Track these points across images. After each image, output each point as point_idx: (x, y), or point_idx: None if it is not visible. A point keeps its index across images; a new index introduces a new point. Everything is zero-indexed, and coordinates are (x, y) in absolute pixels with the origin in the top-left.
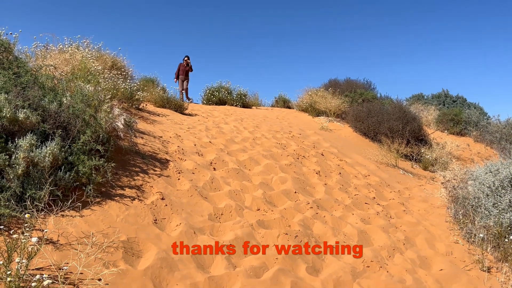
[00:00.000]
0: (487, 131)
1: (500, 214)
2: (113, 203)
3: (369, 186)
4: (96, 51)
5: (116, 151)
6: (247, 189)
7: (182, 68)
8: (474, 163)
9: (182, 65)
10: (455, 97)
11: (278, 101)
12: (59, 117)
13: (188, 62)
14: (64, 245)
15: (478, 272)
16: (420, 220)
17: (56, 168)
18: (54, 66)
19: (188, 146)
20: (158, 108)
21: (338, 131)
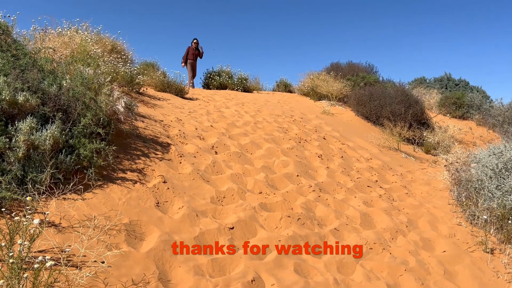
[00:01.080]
0: (490, 114)
1: (504, 196)
2: (115, 186)
3: (372, 170)
4: (96, 34)
5: (117, 134)
6: (249, 172)
7: (191, 51)
8: (476, 147)
9: (191, 48)
10: (458, 81)
11: (279, 85)
12: (59, 100)
13: (197, 45)
14: (66, 228)
15: (481, 253)
16: (423, 202)
17: (57, 151)
18: (53, 49)
19: (189, 130)
20: (159, 92)
21: (340, 115)
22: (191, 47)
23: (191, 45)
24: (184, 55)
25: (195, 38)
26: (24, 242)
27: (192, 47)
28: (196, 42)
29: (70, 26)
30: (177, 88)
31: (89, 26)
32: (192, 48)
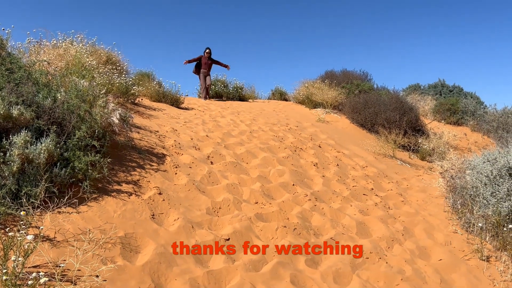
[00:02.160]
0: (484, 120)
1: (499, 203)
2: (110, 199)
3: (367, 177)
4: (91, 46)
5: (112, 146)
6: (244, 182)
7: (204, 61)
8: (471, 153)
9: (204, 57)
10: (452, 87)
11: (274, 94)
12: (54, 113)
13: (210, 55)
14: (61, 242)
15: (477, 261)
16: (419, 210)
17: (51, 165)
18: (47, 62)
19: (185, 140)
20: (154, 102)
21: (335, 122)
22: (204, 57)
23: (204, 54)
24: (193, 60)
25: (208, 48)
26: (18, 258)
27: (205, 56)
28: (209, 52)
29: (65, 38)
30: (173, 98)
31: (84, 38)
32: (205, 57)
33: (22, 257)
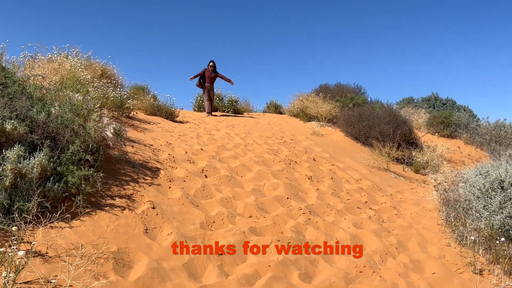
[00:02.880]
0: (477, 133)
1: (491, 216)
2: (103, 213)
3: (361, 191)
4: (86, 59)
5: (106, 160)
6: (239, 196)
7: (208, 74)
8: (465, 165)
9: (208, 71)
10: (445, 100)
11: (269, 107)
12: (48, 127)
13: (214, 68)
14: (53, 258)
15: (470, 274)
16: (412, 223)
17: (44, 179)
18: (42, 76)
19: (179, 154)
20: (149, 116)
21: (329, 135)
22: (208, 70)
23: (207, 67)
24: (198, 74)
25: (212, 61)
26: (9, 274)
27: (209, 69)
28: (213, 65)
29: (60, 52)
30: (168, 111)
31: (79, 52)
32: (209, 71)
33: (13, 273)
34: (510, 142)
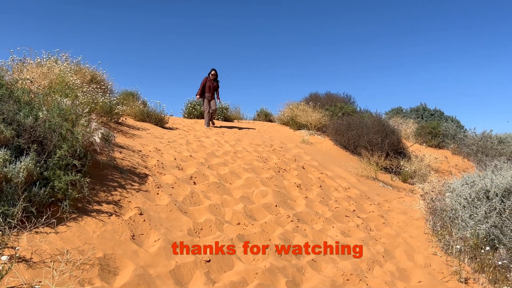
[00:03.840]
0: (464, 143)
1: (476, 225)
2: (89, 219)
3: (349, 199)
4: (75, 64)
5: (94, 166)
6: (227, 203)
7: (209, 84)
8: (452, 175)
9: (209, 80)
10: (433, 111)
11: (260, 115)
12: (35, 131)
13: (216, 77)
14: (37, 263)
15: (455, 283)
16: (400, 232)
17: (30, 184)
18: (30, 80)
19: (168, 160)
20: (138, 122)
21: (319, 144)
22: (209, 79)
23: (208, 76)
24: (200, 87)
25: (213, 69)
26: None
27: (210, 78)
28: (214, 74)
29: (49, 57)
30: (157, 118)
31: (68, 57)
32: (210, 80)
33: None
34: (496, 153)
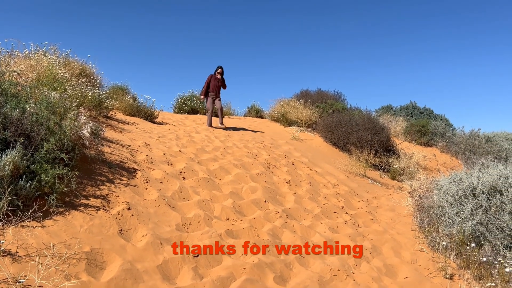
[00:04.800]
0: (453, 142)
1: (463, 222)
2: (77, 213)
3: (338, 195)
4: (64, 57)
5: (82, 160)
6: (216, 198)
7: (214, 82)
8: (440, 173)
9: (214, 78)
10: (423, 109)
11: (250, 111)
12: (22, 124)
13: (222, 75)
14: (23, 257)
15: (441, 279)
16: (387, 228)
17: (17, 177)
18: (18, 72)
19: (157, 155)
20: (128, 116)
21: (309, 141)
22: (214, 76)
23: (214, 74)
24: (204, 86)
25: (220, 66)
26: None
27: (216, 76)
28: (221, 72)
29: (37, 49)
30: (147, 112)
31: (57, 49)
32: (215, 77)
33: None
34: (483, 151)
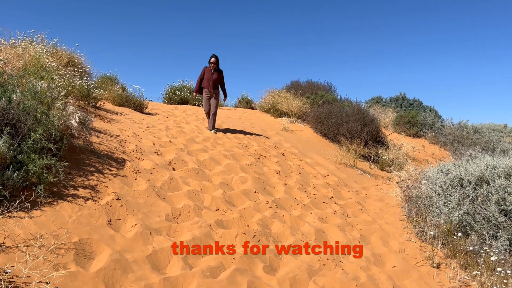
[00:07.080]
0: (441, 133)
1: (450, 212)
2: (65, 204)
3: (328, 186)
4: (52, 46)
5: (70, 150)
6: (206, 189)
7: (207, 75)
8: (428, 164)
9: (208, 70)
10: (412, 100)
11: (241, 102)
12: (8, 114)
13: (217, 65)
14: (10, 248)
15: (428, 268)
16: (376, 218)
17: (3, 167)
18: (4, 61)
19: (147, 146)
20: (117, 106)
21: (299, 132)
22: (208, 69)
23: (208, 65)
24: (198, 80)
25: (214, 55)
26: None
27: (209, 68)
28: (215, 61)
29: (24, 38)
30: (136, 103)
31: (44, 38)
32: (209, 69)
33: None
34: (471, 142)
